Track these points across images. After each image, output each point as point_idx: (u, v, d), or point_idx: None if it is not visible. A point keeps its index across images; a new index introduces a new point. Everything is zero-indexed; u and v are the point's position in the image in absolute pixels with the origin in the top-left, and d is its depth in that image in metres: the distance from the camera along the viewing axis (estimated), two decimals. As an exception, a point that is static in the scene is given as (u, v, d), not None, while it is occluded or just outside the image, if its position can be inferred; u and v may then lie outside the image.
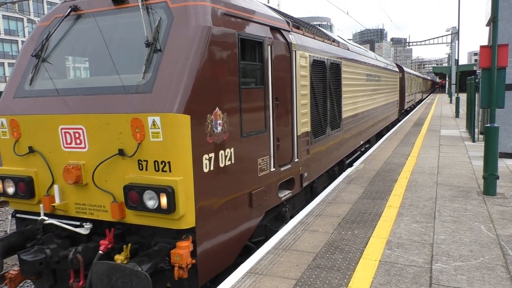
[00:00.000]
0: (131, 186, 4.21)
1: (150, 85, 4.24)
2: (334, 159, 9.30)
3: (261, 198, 5.56)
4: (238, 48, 4.96)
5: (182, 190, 4.09)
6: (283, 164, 6.31)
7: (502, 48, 7.40)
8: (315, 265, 4.71)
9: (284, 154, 6.37)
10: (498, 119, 10.63)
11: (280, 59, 6.16)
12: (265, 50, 5.62)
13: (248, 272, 4.58)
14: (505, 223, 5.95)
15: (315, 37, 8.23)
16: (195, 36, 4.35)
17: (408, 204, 6.98)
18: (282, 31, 6.35)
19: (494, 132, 7.35)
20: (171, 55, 4.31)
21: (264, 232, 6.07)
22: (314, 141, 7.69)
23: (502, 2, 10.66)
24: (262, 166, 5.60)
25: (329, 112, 8.74)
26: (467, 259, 4.77)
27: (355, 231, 5.74)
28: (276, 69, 5.99)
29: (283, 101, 6.29)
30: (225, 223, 4.79)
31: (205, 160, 4.38)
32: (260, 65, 5.56)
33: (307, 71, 7.30)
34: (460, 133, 16.69)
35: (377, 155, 11.82)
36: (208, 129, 4.41)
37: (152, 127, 4.13)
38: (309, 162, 7.43)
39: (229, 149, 4.82)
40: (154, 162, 4.19)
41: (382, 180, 8.72)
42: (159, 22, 4.51)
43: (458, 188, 7.97)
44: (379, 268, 4.58)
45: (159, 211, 4.12)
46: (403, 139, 15.19)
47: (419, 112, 29.63)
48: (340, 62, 9.51)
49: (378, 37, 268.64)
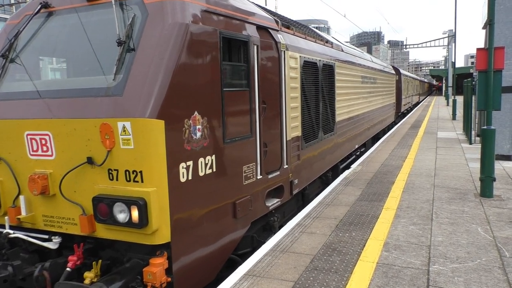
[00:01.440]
0: (100, 197, 3.88)
1: (121, 88, 3.93)
2: (327, 164, 9.04)
3: (247, 208, 5.24)
4: (220, 47, 4.65)
5: (155, 202, 3.78)
6: (271, 171, 6.00)
7: (499, 51, 7.44)
8: (312, 267, 4.71)
9: (272, 161, 6.06)
10: (495, 121, 10.67)
11: (268, 60, 5.87)
12: (250, 50, 5.30)
13: (245, 274, 4.57)
14: (502, 225, 5.97)
15: (307, 37, 7.97)
16: (171, 34, 4.04)
17: (405, 206, 6.99)
18: (270, 30, 6.04)
19: (491, 134, 7.38)
20: (144, 54, 4.00)
21: (250, 243, 5.76)
22: (305, 146, 7.39)
23: (498, 5, 10.72)
24: (248, 174, 5.29)
25: (322, 115, 8.45)
26: (464, 261, 4.78)
27: (352, 233, 5.75)
28: (263, 71, 5.69)
29: (271, 104, 6.00)
30: (205, 236, 4.47)
31: (182, 169, 4.06)
32: (245, 66, 5.26)
33: (298, 72, 7.02)
34: (457, 135, 16.74)
35: (374, 157, 11.84)
36: (185, 135, 4.10)
37: (122, 133, 3.82)
38: (300, 168, 7.14)
39: (210, 156, 4.50)
40: (125, 172, 3.86)
41: (380, 182, 8.73)
42: (132, 19, 4.20)
43: (455, 190, 7.99)
44: (377, 270, 4.58)
45: (130, 225, 3.79)
46: (401, 141, 15.23)
47: (416, 114, 29.71)
48: (333, 64, 9.26)
49: (375, 39, 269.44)
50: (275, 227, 6.28)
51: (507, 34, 10.93)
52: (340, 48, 10.76)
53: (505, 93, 10.73)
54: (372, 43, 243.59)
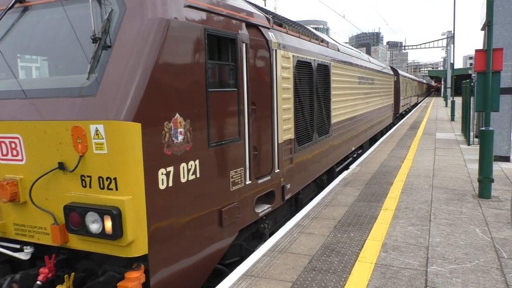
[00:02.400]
0: (72, 206, 3.62)
1: (94, 87, 3.66)
2: (322, 167, 8.77)
3: (234, 216, 4.98)
4: (205, 45, 4.39)
5: (131, 211, 3.51)
6: (261, 176, 5.72)
7: (497, 52, 7.45)
8: (311, 267, 4.71)
9: (262, 165, 5.77)
10: (493, 122, 10.68)
11: (258, 59, 5.59)
12: (239, 48, 5.04)
13: (244, 275, 4.57)
14: (499, 226, 5.98)
15: (301, 36, 7.67)
16: (151, 30, 3.78)
17: (403, 207, 7.00)
18: (261, 28, 5.76)
19: (489, 135, 7.40)
20: (121, 52, 3.72)
21: (239, 252, 5.51)
22: (298, 149, 7.12)
23: (497, 7, 10.74)
24: (235, 179, 5.02)
25: (316, 117, 8.18)
26: (462, 262, 4.79)
27: (351, 234, 5.75)
28: (252, 70, 5.43)
29: (261, 105, 5.71)
30: (188, 246, 4.21)
31: (161, 175, 3.79)
32: (233, 65, 5.00)
33: (290, 72, 6.73)
34: (455, 137, 16.77)
35: (373, 158, 11.85)
36: (165, 138, 3.83)
37: (95, 137, 3.55)
38: (293, 172, 6.86)
39: (193, 161, 4.23)
40: (98, 179, 3.59)
41: (378, 183, 8.74)
42: (109, 14, 3.89)
43: (453, 191, 8.00)
44: (375, 271, 4.58)
45: (103, 237, 3.54)
46: (399, 142, 15.25)
47: (414, 115, 29.76)
48: (329, 64, 8.99)
49: (374, 40, 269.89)
50: (266, 234, 6.04)
51: (506, 36, 10.95)
52: (336, 47, 10.53)
53: (504, 94, 10.75)
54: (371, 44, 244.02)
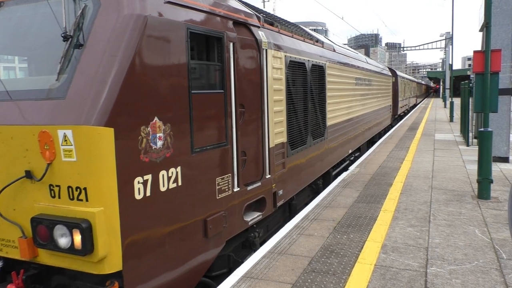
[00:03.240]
0: (39, 218, 3.37)
1: (64, 89, 3.42)
2: (318, 171, 8.53)
3: (220, 225, 4.74)
4: (188, 43, 4.15)
5: (102, 224, 3.27)
6: (250, 183, 5.48)
7: (495, 53, 7.47)
8: (310, 269, 4.71)
9: (252, 171, 5.54)
10: (492, 123, 10.71)
11: (247, 59, 5.35)
12: (225, 47, 4.80)
13: (243, 277, 4.57)
14: (499, 226, 5.99)
15: (294, 35, 7.42)
16: (126, 27, 3.54)
17: (403, 208, 7.01)
18: (250, 26, 5.53)
19: (488, 136, 7.41)
20: (93, 51, 3.49)
21: (227, 263, 5.29)
22: (291, 153, 6.87)
23: (495, 8, 10.78)
24: (222, 187, 4.79)
25: (311, 119, 7.92)
26: (461, 262, 4.79)
27: (350, 235, 5.75)
28: (241, 71, 5.19)
29: (251, 108, 5.47)
30: (168, 259, 3.97)
31: (137, 184, 3.54)
32: (219, 65, 4.75)
33: (283, 73, 6.48)
34: (454, 137, 16.79)
35: (372, 159, 11.86)
36: (142, 144, 3.58)
37: (63, 143, 3.31)
38: (286, 177, 6.62)
39: (175, 168, 3.98)
40: (67, 188, 3.35)
41: (377, 184, 8.74)
42: (82, 10, 3.65)
43: (452, 192, 8.01)
44: (375, 272, 4.59)
45: (72, 252, 3.28)
46: (398, 143, 15.26)
47: (413, 116, 29.79)
48: (324, 64, 8.76)
49: (373, 42, 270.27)
50: (256, 243, 5.78)
51: (504, 37, 10.98)
52: (332, 48, 10.31)
53: (502, 95, 10.77)
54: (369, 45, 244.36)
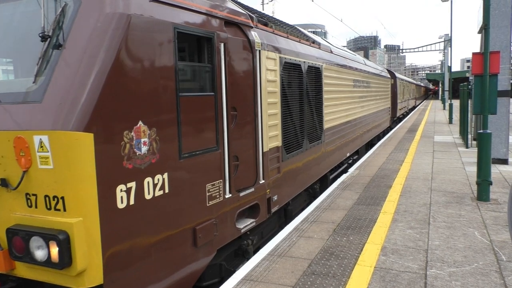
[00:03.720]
0: (15, 230, 3.20)
1: (41, 93, 3.24)
2: (314, 175, 8.34)
3: (210, 234, 4.56)
4: (175, 44, 3.97)
5: (81, 236, 3.10)
6: (243, 188, 5.28)
7: (494, 55, 7.49)
8: (310, 271, 4.71)
9: (244, 176, 5.35)
10: (491, 125, 10.72)
11: (239, 60, 5.17)
12: (216, 48, 4.62)
13: (243, 279, 4.56)
14: (498, 228, 5.99)
15: (289, 36, 7.24)
16: (108, 26, 3.37)
17: (402, 210, 7.01)
18: (242, 26, 5.35)
19: (487, 138, 7.42)
20: (73, 52, 3.31)
21: (218, 273, 5.11)
22: (286, 157, 6.68)
23: (494, 10, 10.81)
24: (213, 193, 4.61)
25: (307, 122, 7.73)
26: (461, 265, 4.79)
27: (350, 237, 5.75)
28: (232, 72, 5.02)
29: (243, 111, 5.28)
30: (155, 270, 3.81)
31: (120, 193, 3.37)
32: (209, 67, 4.57)
33: (277, 75, 6.31)
34: (453, 139, 16.80)
35: (371, 161, 11.86)
36: (125, 150, 3.41)
37: (39, 150, 3.13)
38: (280, 182, 6.43)
39: (161, 175, 3.81)
40: (44, 198, 3.18)
41: (377, 186, 8.74)
42: (62, 9, 3.47)
43: (452, 194, 8.01)
44: (374, 274, 4.58)
45: (50, 265, 3.12)
46: (397, 145, 15.27)
47: (413, 118, 29.82)
48: (320, 66, 8.58)
49: (372, 44, 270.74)
50: (249, 251, 5.60)
51: (502, 39, 11.01)
52: (329, 49, 10.13)
53: (501, 97, 10.79)
54: (368, 48, 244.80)
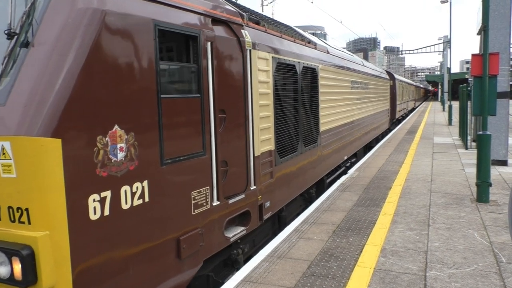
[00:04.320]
0: None
1: (4, 94, 3.00)
2: (310, 180, 8.10)
3: (196, 244, 4.30)
4: (156, 42, 3.73)
5: (47, 251, 2.84)
6: (233, 195, 5.05)
7: (493, 57, 7.50)
8: (310, 273, 4.70)
9: (234, 182, 5.12)
10: (490, 126, 10.72)
11: (228, 60, 4.94)
12: (202, 47, 4.37)
13: (243, 281, 4.56)
14: (498, 230, 5.99)
15: (283, 36, 6.98)
16: (79, 23, 3.11)
17: (402, 211, 7.00)
18: (232, 24, 5.11)
19: (487, 139, 7.42)
20: (41, 50, 3.07)
21: (206, 284, 4.90)
22: (280, 162, 6.44)
23: (493, 12, 10.83)
24: (199, 201, 4.36)
25: (302, 125, 7.47)
26: (461, 266, 4.79)
27: (350, 239, 5.75)
28: (221, 73, 4.78)
29: (233, 113, 5.05)
30: (133, 285, 3.55)
31: (92, 203, 3.12)
32: (195, 67, 4.32)
33: (270, 76, 6.06)
34: (453, 141, 16.81)
35: (371, 163, 11.86)
36: (98, 157, 3.16)
37: (1, 157, 2.90)
38: (274, 187, 6.18)
39: (140, 182, 3.56)
40: (8, 209, 2.93)
41: (377, 188, 8.74)
42: (32, 4, 3.21)
43: (451, 195, 8.01)
44: (374, 276, 4.58)
45: (13, 283, 2.88)
46: (397, 146, 15.27)
47: (412, 120, 29.84)
48: (316, 67, 8.32)
49: (371, 45, 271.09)
50: (239, 261, 5.35)
51: (502, 40, 11.03)
52: (326, 49, 9.86)
53: (500, 98, 10.81)
54: (368, 49, 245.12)
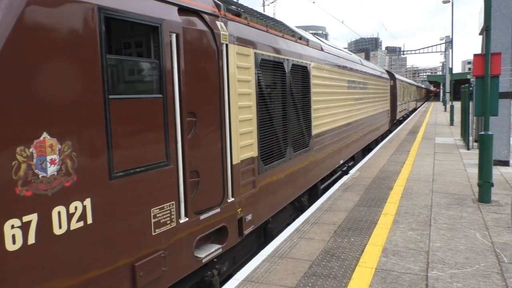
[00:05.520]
0: None
1: None
2: (301, 187, 7.52)
3: (157, 269, 3.72)
4: (101, 32, 3.19)
5: None
6: (205, 210, 4.48)
7: (495, 57, 7.49)
8: (311, 273, 4.70)
9: (207, 194, 4.55)
10: (492, 126, 10.66)
11: (199, 56, 4.35)
12: (164, 40, 3.78)
13: (244, 280, 4.56)
14: (500, 230, 5.97)
15: (269, 30, 6.32)
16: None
17: (403, 211, 7.00)
18: (204, 15, 4.50)
19: (489, 139, 7.41)
20: None
21: None
22: (264, 169, 5.89)
23: (495, 12, 10.81)
24: (161, 219, 3.79)
25: (291, 128, 6.94)
26: (462, 266, 4.78)
27: (351, 239, 5.74)
28: (189, 70, 4.19)
29: (205, 117, 4.49)
30: None
31: (10, 230, 2.59)
32: (155, 63, 3.75)
33: (252, 74, 5.49)
34: (454, 141, 16.78)
35: (372, 163, 11.85)
36: (18, 172, 2.63)
37: None
38: (257, 198, 5.64)
39: (80, 201, 3.02)
40: None
41: (378, 188, 8.73)
42: None
43: (453, 195, 8.00)
44: (375, 276, 4.57)
45: None
46: (398, 147, 15.25)
47: (414, 120, 29.80)
48: (308, 65, 7.75)
49: (373, 45, 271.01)
50: (214, 284, 4.82)
51: (503, 40, 11.00)
52: (319, 46, 9.18)
53: (502, 98, 10.78)
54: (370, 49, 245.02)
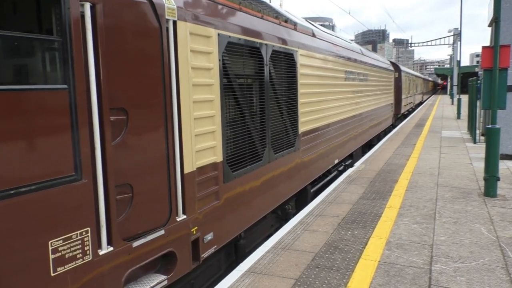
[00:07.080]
0: None
1: None
2: (284, 193, 6.50)
3: None
4: None
5: None
6: (142, 233, 3.58)
7: (504, 49, 7.38)
8: (314, 264, 4.70)
9: (145, 213, 3.63)
10: (500, 120, 10.57)
11: (129, 35, 3.41)
12: (71, 12, 2.87)
13: (247, 271, 4.57)
14: (505, 225, 5.93)
15: (242, 8, 5.39)
16: None
17: (408, 205, 6.97)
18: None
19: (496, 133, 7.33)
20: None
21: None
22: (233, 177, 4.96)
23: (505, 3, 10.64)
24: (66, 253, 2.93)
25: (271, 126, 5.95)
26: (466, 260, 4.75)
27: (354, 231, 5.73)
28: (115, 54, 3.29)
29: (141, 114, 3.55)
30: None
31: None
32: (58, 41, 2.86)
33: (214, 60, 4.56)
34: (461, 135, 16.66)
35: (378, 156, 11.80)
36: None
37: None
38: (221, 212, 4.73)
39: None
40: None
41: (383, 181, 8.70)
42: None
43: (458, 189, 7.95)
44: (378, 269, 4.56)
45: None
46: (404, 140, 15.17)
47: (420, 113, 29.61)
48: (294, 52, 6.71)
49: (380, 37, 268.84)
50: None
51: (513, 33, 10.85)
52: (310, 32, 8.00)
53: (511, 92, 10.66)
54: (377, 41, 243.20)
